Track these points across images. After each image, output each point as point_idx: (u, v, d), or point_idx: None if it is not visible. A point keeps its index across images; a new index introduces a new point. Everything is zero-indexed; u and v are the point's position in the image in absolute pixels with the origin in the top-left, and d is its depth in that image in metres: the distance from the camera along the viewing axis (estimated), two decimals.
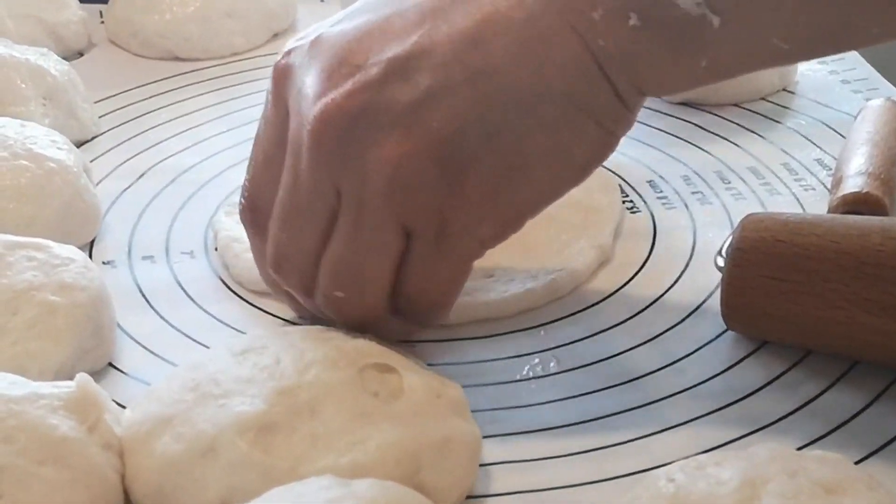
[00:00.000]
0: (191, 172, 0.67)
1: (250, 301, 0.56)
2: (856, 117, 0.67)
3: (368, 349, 0.45)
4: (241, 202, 0.50)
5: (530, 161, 0.44)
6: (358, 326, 0.47)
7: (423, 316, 0.48)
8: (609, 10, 0.42)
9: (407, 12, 0.44)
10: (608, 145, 0.45)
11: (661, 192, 0.64)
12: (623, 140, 0.46)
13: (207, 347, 0.52)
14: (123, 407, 0.46)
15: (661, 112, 0.71)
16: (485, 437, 0.45)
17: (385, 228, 0.45)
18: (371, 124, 0.44)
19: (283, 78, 0.47)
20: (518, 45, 0.43)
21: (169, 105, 0.74)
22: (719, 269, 0.52)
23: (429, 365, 0.47)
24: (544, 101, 0.43)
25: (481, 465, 0.45)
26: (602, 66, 0.43)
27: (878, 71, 0.77)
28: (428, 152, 0.44)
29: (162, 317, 0.55)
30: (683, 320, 0.54)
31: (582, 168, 0.46)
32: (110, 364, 0.52)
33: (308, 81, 0.45)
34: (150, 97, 0.75)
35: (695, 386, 0.50)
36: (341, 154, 0.44)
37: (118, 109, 0.73)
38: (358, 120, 0.44)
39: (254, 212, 0.49)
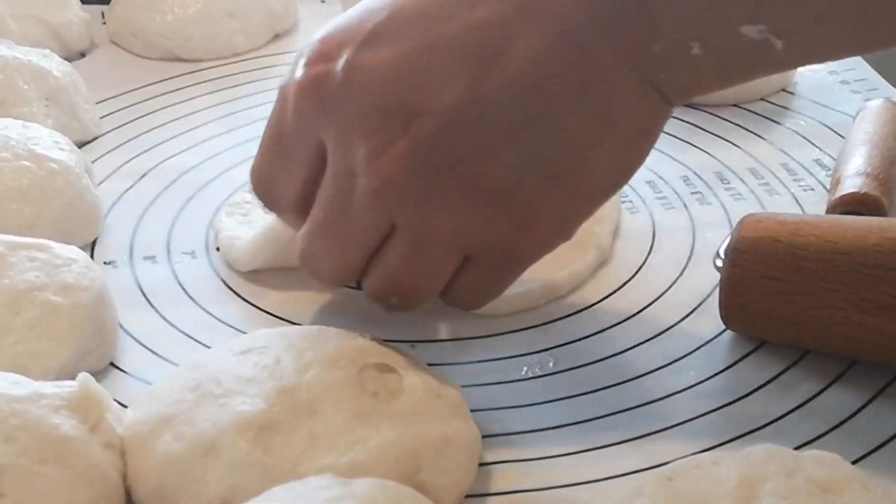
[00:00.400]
0: (192, 173, 0.67)
1: (251, 301, 0.56)
2: (855, 118, 0.67)
3: (368, 349, 0.45)
4: (252, 184, 0.49)
5: (593, 187, 0.45)
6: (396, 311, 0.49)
7: (460, 308, 0.49)
8: (670, 44, 0.41)
9: (453, 44, 0.42)
10: (652, 144, 0.46)
11: (661, 192, 0.64)
12: None
13: (208, 347, 0.52)
14: (125, 406, 0.46)
15: None
16: (484, 436, 0.45)
17: (448, 259, 0.46)
18: (433, 178, 0.44)
19: (312, 103, 0.45)
20: (577, 85, 0.42)
21: (170, 106, 0.74)
22: (718, 269, 0.52)
23: (429, 365, 0.47)
24: (609, 136, 0.43)
25: (481, 465, 0.45)
26: (663, 93, 0.43)
27: (877, 71, 0.77)
28: (496, 201, 0.44)
29: (163, 317, 0.55)
30: (682, 320, 0.54)
31: (631, 173, 0.46)
32: (112, 364, 0.52)
33: (356, 127, 0.44)
34: (152, 98, 0.75)
35: (693, 385, 0.50)
36: (402, 199, 0.44)
37: (120, 110, 0.73)
38: (418, 176, 0.43)
39: (268, 195, 0.49)
